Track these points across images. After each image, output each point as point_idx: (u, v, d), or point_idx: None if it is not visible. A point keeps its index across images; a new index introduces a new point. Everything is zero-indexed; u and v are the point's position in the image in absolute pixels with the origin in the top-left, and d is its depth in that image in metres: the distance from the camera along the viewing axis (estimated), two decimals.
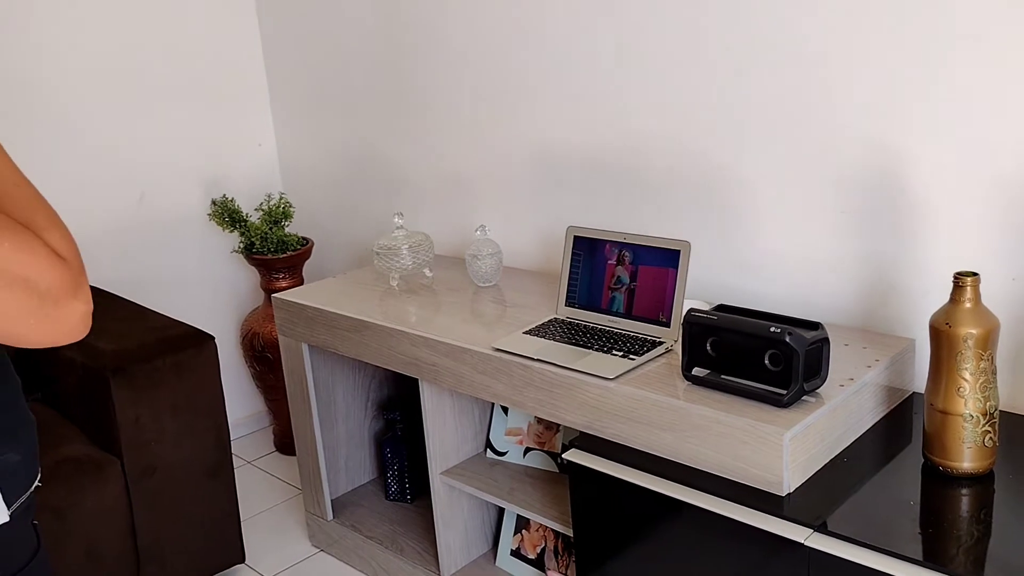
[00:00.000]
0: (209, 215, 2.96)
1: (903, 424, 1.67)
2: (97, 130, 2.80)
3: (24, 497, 1.01)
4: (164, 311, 2.90)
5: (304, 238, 3.01)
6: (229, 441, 2.36)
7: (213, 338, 2.29)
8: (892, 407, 1.71)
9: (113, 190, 2.86)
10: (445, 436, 2.16)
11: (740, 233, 2.03)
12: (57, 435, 2.24)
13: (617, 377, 1.68)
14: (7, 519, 0.97)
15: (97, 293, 2.65)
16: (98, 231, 2.84)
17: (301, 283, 3.00)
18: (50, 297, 0.87)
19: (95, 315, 2.70)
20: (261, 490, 2.91)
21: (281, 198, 2.99)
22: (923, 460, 1.52)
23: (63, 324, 0.89)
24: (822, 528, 1.38)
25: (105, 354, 2.19)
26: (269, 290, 2.96)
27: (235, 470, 3.00)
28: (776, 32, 1.86)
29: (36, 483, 1.05)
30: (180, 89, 2.95)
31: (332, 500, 2.54)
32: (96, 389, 2.18)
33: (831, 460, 1.55)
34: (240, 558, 2.43)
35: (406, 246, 2.35)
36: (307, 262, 3.06)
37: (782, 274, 1.98)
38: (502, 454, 2.21)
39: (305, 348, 2.36)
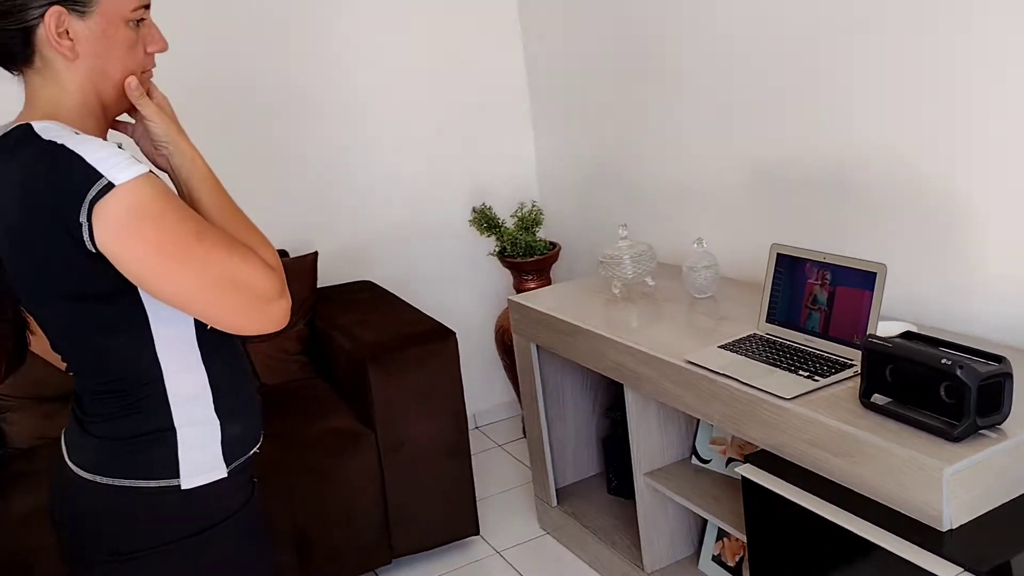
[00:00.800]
0: (470, 221, 3.28)
1: None
2: (376, 143, 3.22)
3: (241, 460, 1.30)
4: (431, 305, 3.29)
5: (552, 243, 3.24)
6: (466, 424, 2.64)
7: (454, 333, 2.59)
8: None
9: (393, 197, 3.27)
10: (650, 439, 2.28)
11: (959, 253, 1.94)
12: (329, 408, 2.64)
13: (794, 398, 1.71)
14: (225, 475, 1.26)
15: (370, 288, 3.07)
16: (378, 232, 3.26)
17: (549, 284, 3.24)
18: (264, 297, 1.16)
19: (368, 305, 3.13)
20: (505, 471, 3.19)
21: (533, 206, 3.24)
22: None
23: (272, 317, 1.18)
24: (977, 569, 1.34)
25: (366, 343, 2.57)
26: (520, 290, 3.22)
27: (486, 452, 3.34)
28: (1003, 44, 1.76)
29: (255, 450, 1.34)
30: (452, 107, 3.31)
31: (558, 488, 2.75)
32: (358, 372, 2.55)
33: (1012, 500, 1.48)
34: (475, 530, 2.72)
35: (628, 256, 2.49)
36: (555, 265, 3.29)
37: (1003, 299, 1.87)
38: (706, 462, 2.28)
39: (533, 347, 2.59)
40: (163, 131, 1.24)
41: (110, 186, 1.07)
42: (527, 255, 3.15)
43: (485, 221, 3.22)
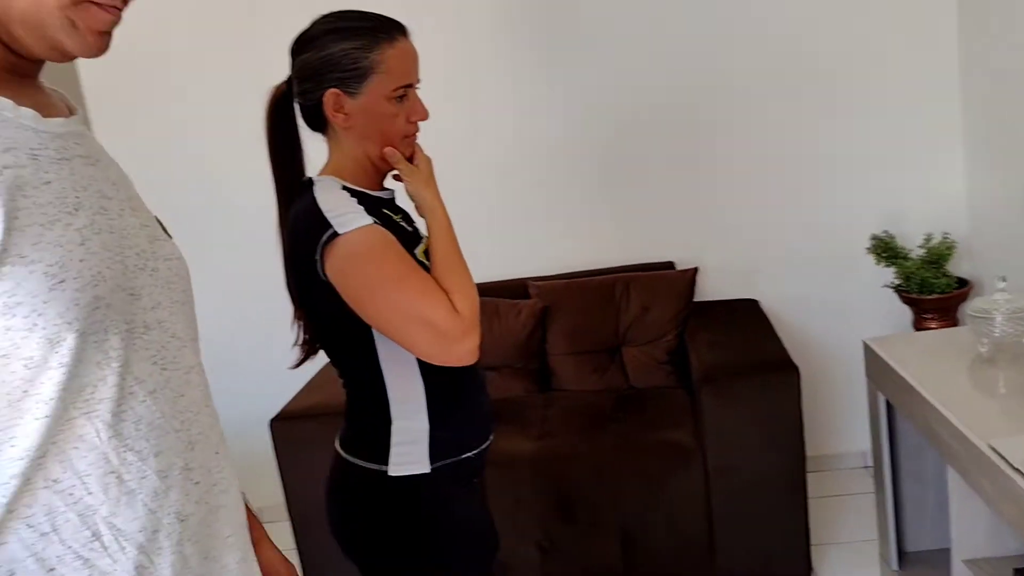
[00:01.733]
0: (867, 249, 3.07)
1: None
2: (777, 158, 3.18)
3: (447, 461, 1.53)
4: (820, 332, 3.21)
5: (962, 280, 2.90)
6: (804, 462, 2.55)
7: (797, 369, 2.51)
8: None
9: (793, 216, 3.21)
10: (975, 520, 1.99)
11: None
12: (674, 420, 2.76)
13: None
14: (428, 471, 1.52)
15: (748, 307, 3.10)
16: (774, 251, 3.23)
17: (954, 326, 2.90)
18: (447, 336, 1.39)
19: (732, 325, 3.22)
20: (871, 519, 2.96)
21: (944, 238, 2.92)
22: None
23: (455, 353, 1.40)
24: None
25: (704, 364, 2.63)
26: (919, 329, 2.95)
27: (863, 495, 3.15)
28: None
29: (466, 455, 1.56)
30: (869, 117, 3.12)
31: (907, 552, 2.51)
32: (695, 390, 2.63)
33: None
34: (805, 573, 2.62)
35: (1001, 312, 2.17)
36: (965, 305, 2.93)
37: None
38: None
39: (881, 396, 2.39)
40: (412, 189, 1.53)
41: (335, 234, 1.39)
42: (924, 292, 2.87)
43: (885, 250, 2.99)
